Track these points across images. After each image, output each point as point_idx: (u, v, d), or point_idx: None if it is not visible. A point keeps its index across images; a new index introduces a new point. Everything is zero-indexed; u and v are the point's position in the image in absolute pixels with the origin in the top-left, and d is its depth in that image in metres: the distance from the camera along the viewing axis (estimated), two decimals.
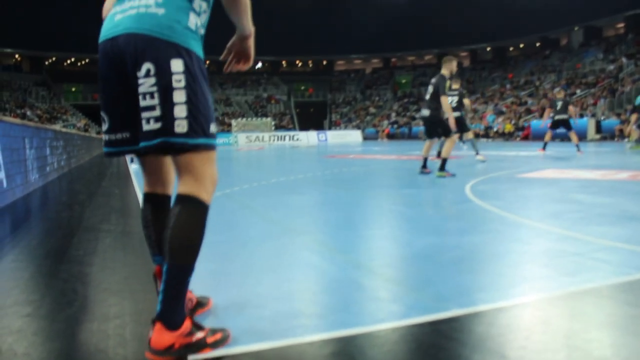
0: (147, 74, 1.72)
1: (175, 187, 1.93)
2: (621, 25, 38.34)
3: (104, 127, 1.94)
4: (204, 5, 1.88)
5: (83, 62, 51.86)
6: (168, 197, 2.06)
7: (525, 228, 3.81)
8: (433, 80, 8.08)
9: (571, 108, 13.30)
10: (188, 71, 1.74)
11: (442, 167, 7.75)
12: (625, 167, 8.57)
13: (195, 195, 1.77)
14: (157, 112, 1.72)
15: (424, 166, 8.26)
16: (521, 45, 48.13)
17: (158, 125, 1.72)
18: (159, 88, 1.71)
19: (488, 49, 50.51)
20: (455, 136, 8.54)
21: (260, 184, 7.66)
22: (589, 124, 25.25)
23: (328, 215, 4.86)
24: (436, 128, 8.03)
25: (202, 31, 1.88)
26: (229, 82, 52.97)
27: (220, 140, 34.82)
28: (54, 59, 50.33)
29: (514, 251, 3.12)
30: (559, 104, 13.18)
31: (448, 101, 7.91)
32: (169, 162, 2.02)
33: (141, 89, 1.73)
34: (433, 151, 11.18)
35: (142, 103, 1.74)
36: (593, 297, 2.24)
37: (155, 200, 2.04)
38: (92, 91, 47.49)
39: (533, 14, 39.39)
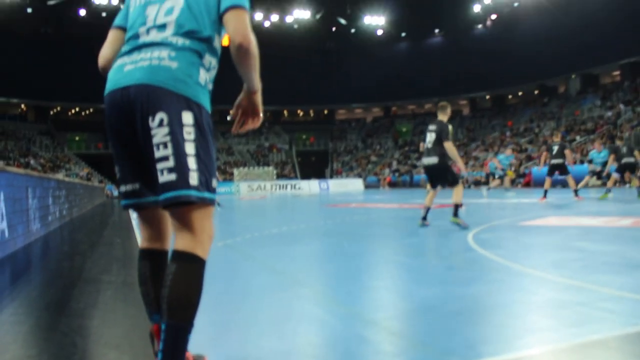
0: (161, 124, 1.75)
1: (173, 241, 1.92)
2: (617, 72, 39.02)
3: (118, 177, 1.98)
4: (214, 61, 1.94)
5: (87, 112, 52.62)
6: (166, 253, 2.03)
7: (528, 277, 3.77)
8: (432, 127, 7.67)
9: (568, 152, 12.88)
10: (197, 124, 1.79)
11: (456, 213, 7.33)
12: (627, 214, 8.54)
13: (193, 252, 1.76)
14: (170, 163, 1.75)
15: (425, 218, 7.74)
16: (520, 93, 48.82)
17: (173, 176, 1.74)
18: (172, 138, 1.75)
19: (487, 97, 51.23)
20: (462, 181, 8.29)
21: (262, 233, 7.64)
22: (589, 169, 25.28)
23: (330, 266, 4.83)
24: (445, 176, 7.59)
25: (210, 86, 1.93)
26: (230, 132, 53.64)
27: (222, 189, 34.90)
28: (58, 108, 51.10)
29: (518, 301, 3.08)
30: (555, 148, 12.80)
31: (452, 146, 7.46)
32: (167, 216, 2.00)
33: (155, 140, 1.76)
34: (444, 199, 10.99)
35: (157, 154, 1.76)
36: (600, 350, 2.21)
37: (153, 257, 2.02)
38: (95, 140, 47.99)
39: (531, 62, 40.14)
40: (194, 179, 1.75)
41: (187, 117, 1.77)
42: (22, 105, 49.09)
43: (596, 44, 35.13)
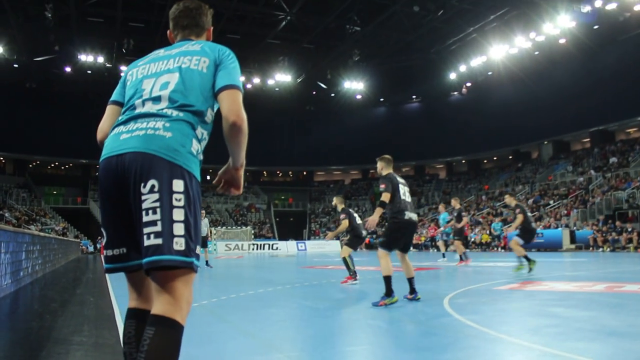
0: (152, 190, 1.81)
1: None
2: (587, 139, 40.32)
3: (104, 241, 2.01)
4: (205, 133, 2.05)
5: (67, 166, 52.24)
6: None
7: (504, 344, 3.78)
8: (403, 180, 7.17)
9: (464, 219, 14.22)
10: (187, 192, 1.85)
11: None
12: (600, 279, 8.65)
13: (171, 317, 1.77)
14: (158, 228, 1.79)
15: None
16: (494, 158, 49.93)
17: (159, 240, 1.78)
18: (162, 204, 1.80)
19: (463, 161, 52.25)
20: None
21: (238, 295, 7.54)
22: (564, 234, 25.71)
23: (307, 330, 4.78)
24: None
25: (201, 157, 2.01)
26: (210, 189, 53.47)
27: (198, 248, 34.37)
28: (37, 162, 50.67)
29: None
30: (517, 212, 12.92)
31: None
32: None
33: (145, 205, 1.81)
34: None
35: (145, 218, 1.80)
36: None
37: (141, 317, 2.00)
38: (73, 195, 47.36)
39: (505, 128, 41.33)
40: (180, 244, 1.79)
41: (178, 185, 1.84)
42: (1, 158, 48.57)
43: (566, 112, 36.45)
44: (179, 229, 1.80)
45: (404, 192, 6.88)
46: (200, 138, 2.00)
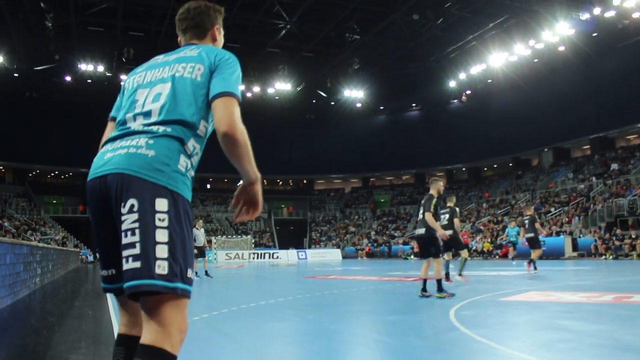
0: (131, 210, 1.69)
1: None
2: (587, 147, 40.25)
3: (100, 263, 1.94)
4: (198, 148, 1.90)
5: (66, 175, 52.14)
6: None
7: None
8: (423, 200, 8.35)
9: (537, 225, 13.35)
10: (172, 212, 1.71)
11: (440, 288, 7.63)
12: (607, 289, 8.51)
13: (160, 347, 1.64)
14: (137, 250, 1.67)
15: (424, 289, 7.77)
16: (495, 166, 49.86)
17: (137, 264, 1.65)
18: (141, 225, 1.67)
19: (463, 169, 52.18)
20: (444, 257, 9.45)
21: (239, 307, 7.40)
22: (566, 241, 25.58)
23: (311, 346, 4.65)
24: (429, 247, 7.94)
25: (192, 173, 1.87)
26: (210, 199, 53.37)
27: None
28: (37, 171, 50.58)
29: None
30: (527, 222, 13.30)
31: (431, 217, 7.94)
32: None
33: (123, 226, 1.69)
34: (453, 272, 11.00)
35: (124, 240, 1.69)
36: None
37: (131, 344, 1.88)
38: (73, 204, 47.25)
39: (505, 136, 41.27)
40: (162, 268, 1.66)
41: (161, 204, 1.70)
42: (1, 167, 48.48)
43: (566, 119, 36.42)
44: (161, 251, 1.66)
45: (420, 211, 8.29)
46: (190, 153, 1.86)
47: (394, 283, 11.83)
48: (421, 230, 8.05)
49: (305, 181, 59.62)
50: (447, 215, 10.62)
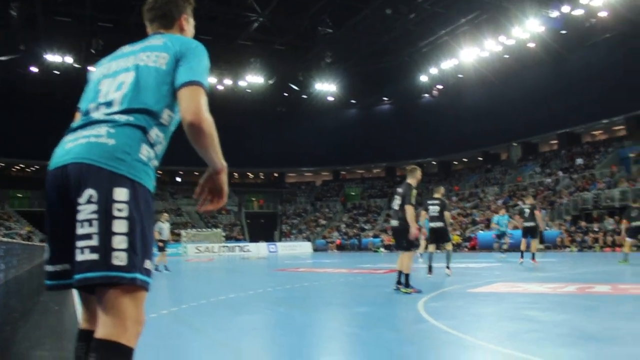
0: (89, 201, 1.64)
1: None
2: (554, 141, 41.08)
3: (45, 257, 1.84)
4: (161, 136, 1.86)
5: (32, 169, 50.89)
6: None
7: (483, 351, 3.72)
8: (400, 189, 7.77)
9: (537, 214, 13.20)
10: (132, 202, 1.67)
11: (407, 284, 7.38)
12: (571, 280, 8.72)
13: (116, 341, 1.60)
14: (94, 242, 1.62)
15: (399, 282, 7.49)
16: (464, 159, 50.50)
17: (94, 256, 1.61)
18: (99, 216, 1.63)
19: (433, 162, 52.71)
20: (429, 249, 9.97)
21: (209, 301, 7.35)
22: None
23: (282, 339, 4.65)
24: (401, 239, 7.62)
25: (155, 162, 1.84)
26: (180, 192, 52.77)
27: (169, 250, 33.87)
28: (2, 164, 49.20)
29: None
30: (527, 211, 13.18)
31: (412, 210, 7.51)
32: None
33: (80, 216, 1.64)
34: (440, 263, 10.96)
35: (80, 231, 1.64)
36: None
37: (91, 339, 1.85)
38: (39, 198, 46.17)
39: (475, 130, 41.78)
40: (120, 259, 1.62)
41: (120, 194, 1.66)
42: None
43: (535, 114, 37.07)
44: (119, 242, 1.62)
45: (396, 201, 7.81)
46: (153, 142, 1.82)
47: (364, 275, 11.92)
48: (395, 222, 7.74)
49: (276, 174, 59.45)
50: (437, 207, 10.37)
